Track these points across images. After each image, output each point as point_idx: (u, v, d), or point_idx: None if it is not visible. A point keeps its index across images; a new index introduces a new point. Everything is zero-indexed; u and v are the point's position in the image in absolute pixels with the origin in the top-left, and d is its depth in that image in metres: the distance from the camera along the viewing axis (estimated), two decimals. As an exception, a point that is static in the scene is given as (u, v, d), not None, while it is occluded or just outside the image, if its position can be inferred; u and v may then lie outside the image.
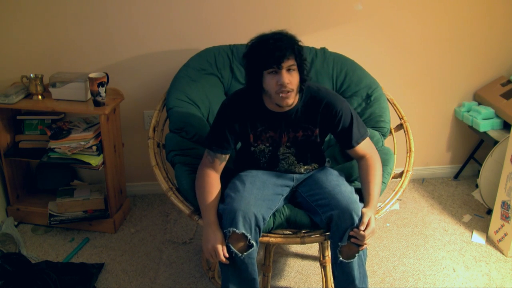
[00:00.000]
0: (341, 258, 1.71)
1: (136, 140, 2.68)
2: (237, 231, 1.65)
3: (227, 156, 1.85)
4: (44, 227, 2.51)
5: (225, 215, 1.70)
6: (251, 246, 1.68)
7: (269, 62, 1.63)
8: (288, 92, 1.67)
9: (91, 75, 2.23)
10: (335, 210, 1.71)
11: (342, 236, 1.69)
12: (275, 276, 2.24)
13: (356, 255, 1.70)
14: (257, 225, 1.69)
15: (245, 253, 1.68)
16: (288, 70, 1.66)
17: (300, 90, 1.76)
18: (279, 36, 1.66)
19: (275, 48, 1.62)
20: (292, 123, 1.80)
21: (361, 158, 1.88)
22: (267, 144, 1.84)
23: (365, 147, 1.86)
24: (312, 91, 1.80)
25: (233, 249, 1.67)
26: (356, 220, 1.68)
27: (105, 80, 2.25)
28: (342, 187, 1.80)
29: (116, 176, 2.49)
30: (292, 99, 1.70)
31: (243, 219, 1.66)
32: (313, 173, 1.94)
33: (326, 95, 1.80)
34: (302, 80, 1.72)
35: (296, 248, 2.42)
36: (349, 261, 1.70)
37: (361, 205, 1.74)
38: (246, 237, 1.66)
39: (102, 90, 2.25)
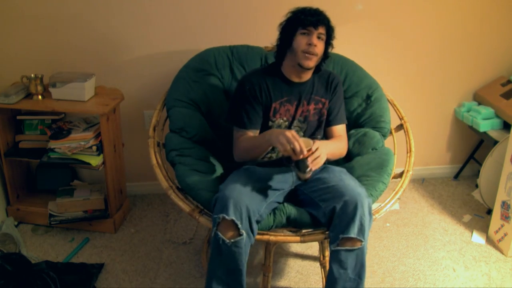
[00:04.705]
0: (338, 247, 1.68)
1: (136, 140, 2.68)
2: (226, 217, 1.62)
3: (257, 132, 1.94)
4: (44, 227, 2.51)
5: (217, 203, 1.68)
6: (241, 235, 1.65)
7: (306, 22, 1.83)
8: (312, 54, 1.85)
9: None
10: (340, 202, 1.70)
11: (343, 228, 1.67)
12: (275, 276, 2.24)
13: (356, 248, 1.67)
14: (249, 215, 1.66)
15: (232, 240, 1.64)
16: (318, 37, 1.86)
17: (319, 64, 1.94)
18: (319, 9, 1.89)
19: (314, 13, 1.86)
20: (306, 95, 1.95)
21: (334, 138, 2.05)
22: (284, 119, 1.95)
23: (343, 131, 2.06)
24: (322, 69, 2.02)
25: (220, 235, 1.64)
26: (361, 210, 1.66)
27: None
28: (346, 180, 1.81)
29: (116, 176, 2.49)
30: (313, 64, 1.89)
31: (234, 207, 1.64)
32: (315, 172, 1.93)
33: (332, 71, 2.08)
34: (324, 54, 1.93)
35: (296, 248, 2.42)
36: (345, 248, 1.67)
37: (369, 200, 1.72)
38: (236, 225, 1.63)
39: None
